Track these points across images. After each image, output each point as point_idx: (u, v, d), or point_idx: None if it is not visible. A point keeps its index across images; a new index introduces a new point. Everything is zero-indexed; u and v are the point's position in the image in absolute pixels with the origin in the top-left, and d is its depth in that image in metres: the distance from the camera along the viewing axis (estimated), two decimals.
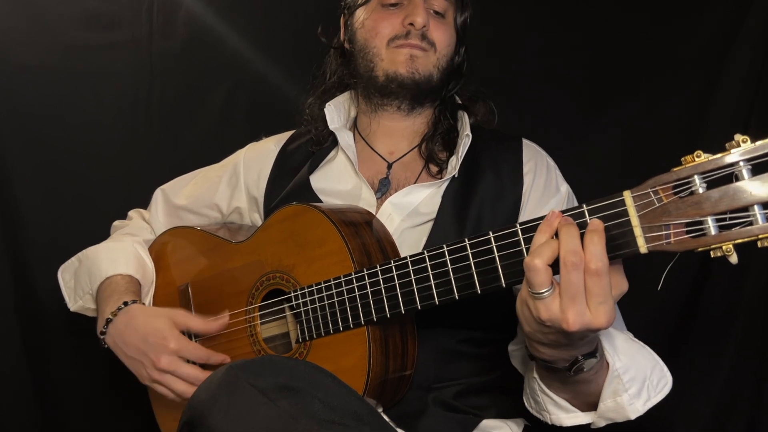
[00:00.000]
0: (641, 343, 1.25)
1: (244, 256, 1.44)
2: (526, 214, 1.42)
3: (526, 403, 1.28)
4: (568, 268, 0.94)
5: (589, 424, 1.22)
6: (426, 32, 1.46)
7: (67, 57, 2.20)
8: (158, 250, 1.65)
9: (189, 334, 1.46)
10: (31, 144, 2.17)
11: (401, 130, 1.56)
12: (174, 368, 1.38)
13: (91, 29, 2.23)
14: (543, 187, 1.46)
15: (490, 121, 1.54)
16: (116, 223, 1.83)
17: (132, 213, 1.84)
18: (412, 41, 1.46)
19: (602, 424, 1.19)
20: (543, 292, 0.97)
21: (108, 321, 1.47)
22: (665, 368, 1.22)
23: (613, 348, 1.15)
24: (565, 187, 1.49)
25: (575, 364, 1.09)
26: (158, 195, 1.79)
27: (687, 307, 1.24)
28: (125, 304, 1.47)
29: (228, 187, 1.68)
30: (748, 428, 1.84)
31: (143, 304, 1.50)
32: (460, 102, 1.55)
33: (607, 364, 1.15)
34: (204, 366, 1.41)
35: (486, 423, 1.38)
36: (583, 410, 1.20)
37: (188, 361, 1.40)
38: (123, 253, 1.61)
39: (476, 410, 1.38)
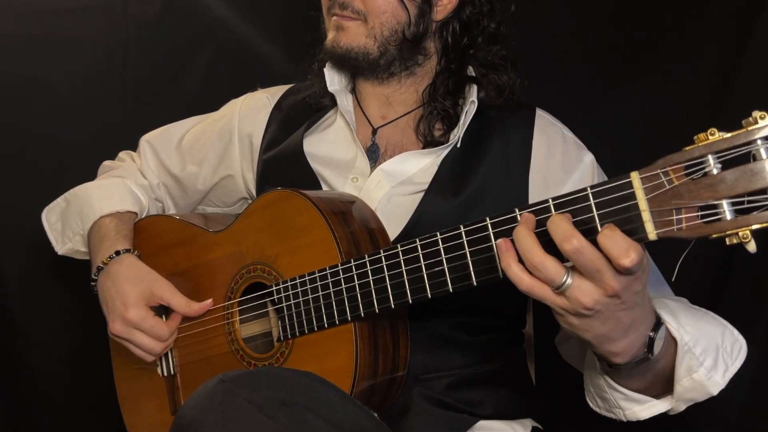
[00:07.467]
0: (701, 308, 1.20)
1: (224, 246, 1.43)
2: (541, 191, 1.39)
3: (591, 404, 1.23)
4: (573, 255, 0.92)
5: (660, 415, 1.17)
6: (349, 1, 1.43)
7: (34, 22, 2.18)
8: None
9: (164, 310, 1.48)
10: None
11: (386, 96, 1.53)
12: (128, 336, 1.43)
13: None
14: (561, 162, 1.43)
15: (494, 99, 1.48)
16: (106, 162, 1.82)
17: (123, 155, 1.83)
18: (336, 11, 1.45)
19: (682, 407, 1.15)
20: (565, 281, 0.94)
21: (99, 269, 1.51)
22: (735, 331, 1.16)
23: (676, 320, 1.09)
24: (589, 157, 1.46)
25: (651, 344, 1.04)
26: (145, 147, 1.76)
27: (707, 301, 1.21)
28: (117, 253, 1.50)
29: (220, 150, 1.68)
30: None
31: (136, 254, 1.52)
32: (474, 74, 1.50)
33: (674, 340, 1.09)
34: None
35: (484, 424, 1.37)
36: (658, 398, 1.15)
37: None
38: (116, 189, 1.63)
39: (469, 406, 1.37)
